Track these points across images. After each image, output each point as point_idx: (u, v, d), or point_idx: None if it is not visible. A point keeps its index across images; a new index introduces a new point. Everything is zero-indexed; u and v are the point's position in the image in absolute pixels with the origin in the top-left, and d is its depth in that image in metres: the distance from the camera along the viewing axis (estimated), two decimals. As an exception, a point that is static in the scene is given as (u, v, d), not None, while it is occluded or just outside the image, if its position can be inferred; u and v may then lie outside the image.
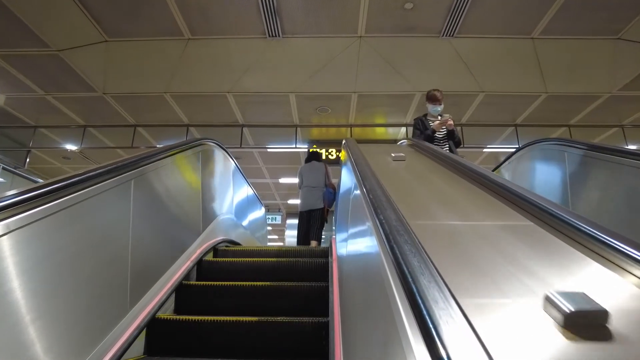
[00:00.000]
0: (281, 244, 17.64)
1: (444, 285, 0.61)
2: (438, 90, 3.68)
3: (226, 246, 3.47)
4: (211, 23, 5.09)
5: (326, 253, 3.01)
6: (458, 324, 0.51)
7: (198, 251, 2.77)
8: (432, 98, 3.65)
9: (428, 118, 3.70)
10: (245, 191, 5.39)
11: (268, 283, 2.31)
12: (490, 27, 5.18)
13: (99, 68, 5.78)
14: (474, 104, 6.43)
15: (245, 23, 5.10)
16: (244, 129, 7.26)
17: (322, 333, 1.81)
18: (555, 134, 7.53)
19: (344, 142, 2.95)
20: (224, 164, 4.03)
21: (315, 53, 5.60)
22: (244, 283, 2.31)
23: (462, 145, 3.93)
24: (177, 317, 1.99)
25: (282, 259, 2.77)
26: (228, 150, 4.19)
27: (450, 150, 3.45)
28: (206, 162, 3.28)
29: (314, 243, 4.86)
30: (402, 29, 5.21)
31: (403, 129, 7.39)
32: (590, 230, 1.00)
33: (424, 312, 0.55)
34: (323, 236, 5.14)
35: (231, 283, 2.31)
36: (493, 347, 0.48)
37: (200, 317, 1.92)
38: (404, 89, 6.12)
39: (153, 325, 1.91)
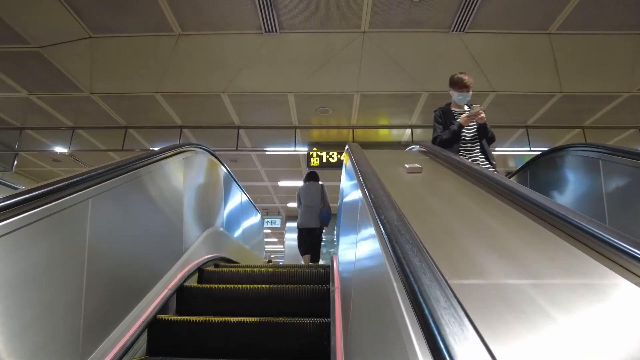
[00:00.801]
0: (281, 246, 17.38)
1: (446, 285, 0.59)
2: (465, 73, 2.85)
3: (215, 266, 3.10)
4: (202, 17, 4.71)
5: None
6: (464, 329, 0.48)
7: (179, 275, 2.40)
8: (458, 83, 2.84)
9: (452, 109, 2.93)
10: (239, 198, 5.03)
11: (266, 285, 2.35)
12: (504, 22, 4.79)
13: (85, 66, 5.41)
14: (483, 105, 6.04)
15: (240, 17, 4.72)
16: (240, 130, 6.89)
17: (324, 334, 1.84)
18: (568, 135, 7.17)
19: (347, 147, 2.60)
20: (212, 172, 3.65)
21: (315, 50, 5.22)
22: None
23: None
24: None
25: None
26: (223, 153, 3.88)
27: (483, 150, 2.76)
28: (190, 171, 2.90)
29: (316, 262, 5.25)
30: (409, 23, 4.82)
31: (408, 131, 7.03)
32: None
33: (426, 312, 0.53)
34: (323, 238, 5.63)
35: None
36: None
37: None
38: (410, 88, 5.74)
39: None
